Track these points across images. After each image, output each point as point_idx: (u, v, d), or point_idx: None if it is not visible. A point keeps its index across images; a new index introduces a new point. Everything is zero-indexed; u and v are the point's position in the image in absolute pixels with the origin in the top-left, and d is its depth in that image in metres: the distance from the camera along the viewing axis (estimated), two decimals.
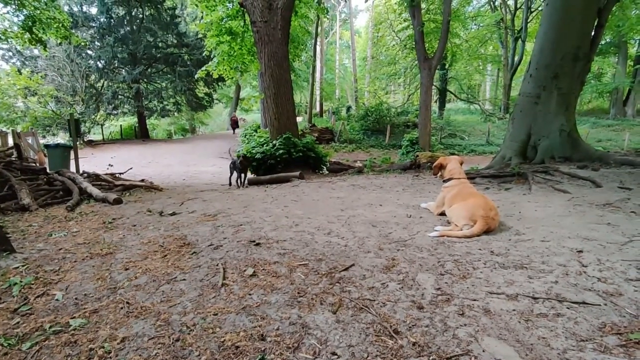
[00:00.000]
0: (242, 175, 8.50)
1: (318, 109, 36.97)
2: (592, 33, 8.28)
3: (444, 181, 3.87)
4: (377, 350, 1.64)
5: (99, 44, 24.25)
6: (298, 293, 2.25)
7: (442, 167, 3.96)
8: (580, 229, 3.17)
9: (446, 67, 29.92)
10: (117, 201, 5.42)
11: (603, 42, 26.50)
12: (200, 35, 16.28)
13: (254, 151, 8.92)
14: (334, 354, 1.64)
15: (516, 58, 29.98)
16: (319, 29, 30.53)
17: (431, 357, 1.58)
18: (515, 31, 29.87)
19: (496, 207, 3.33)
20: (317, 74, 35.74)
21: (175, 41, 26.38)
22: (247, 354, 1.67)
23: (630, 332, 1.67)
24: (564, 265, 2.43)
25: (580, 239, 2.90)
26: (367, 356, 1.61)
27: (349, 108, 34.11)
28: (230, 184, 8.76)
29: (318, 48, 33.41)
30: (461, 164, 3.95)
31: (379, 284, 2.32)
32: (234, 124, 30.35)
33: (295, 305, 2.10)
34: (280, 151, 8.63)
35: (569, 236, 2.99)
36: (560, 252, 2.65)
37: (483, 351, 1.59)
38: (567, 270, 2.34)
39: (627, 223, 3.34)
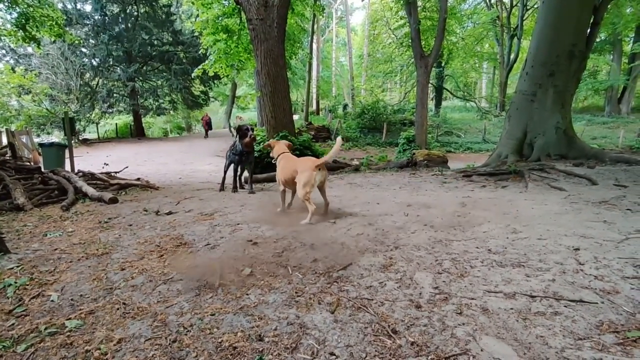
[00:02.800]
0: (246, 167, 6.41)
1: (314, 107, 36.90)
2: (588, 31, 8.31)
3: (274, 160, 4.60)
4: (376, 350, 1.63)
5: (93, 42, 24.02)
6: (296, 292, 2.24)
7: (270, 146, 4.88)
8: (577, 227, 3.18)
9: (442, 64, 29.93)
10: (113, 200, 5.38)
11: (598, 39, 26.59)
12: (196, 33, 16.18)
13: None
14: (332, 354, 1.64)
15: (512, 56, 30.05)
16: (315, 26, 30.45)
17: (430, 357, 1.58)
18: (511, 29, 29.93)
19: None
20: (314, 72, 35.65)
21: (170, 39, 26.18)
22: (245, 354, 1.66)
23: (627, 330, 1.67)
24: (561, 263, 2.43)
25: (577, 237, 2.91)
26: (366, 356, 1.60)
27: (345, 106, 34.04)
28: (223, 183, 6.46)
29: (314, 46, 33.33)
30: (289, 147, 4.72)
31: (376, 283, 2.32)
32: (207, 126, 26.27)
33: (293, 305, 2.09)
34: None
35: (566, 234, 3.00)
36: (557, 250, 2.65)
37: (481, 350, 1.59)
38: (564, 269, 2.35)
39: (623, 220, 3.35)
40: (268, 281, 2.41)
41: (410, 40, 17.95)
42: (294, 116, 11.99)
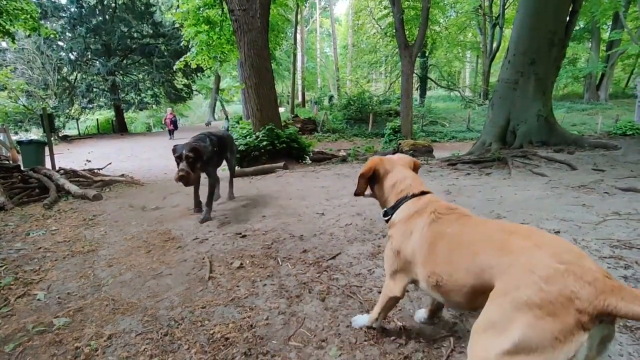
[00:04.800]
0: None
1: (300, 99, 36.68)
2: (567, 19, 8.44)
3: None
4: (365, 335, 1.67)
5: (70, 35, 23.21)
6: (286, 283, 2.26)
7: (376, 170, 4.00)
8: (558, 211, 3.28)
9: (426, 54, 30.05)
10: (97, 197, 5.28)
11: (577, 27, 27.04)
12: (177, 25, 15.80)
13: (237, 143, 8.79)
14: (323, 340, 1.67)
15: (494, 45, 30.34)
16: (299, 16, 30.10)
17: (419, 341, 1.62)
18: (494, 17, 30.17)
19: None
20: (299, 63, 35.37)
21: (150, 31, 25.50)
22: (237, 344, 1.68)
23: None
24: None
25: (558, 220, 3.00)
26: (355, 341, 1.64)
27: (331, 97, 33.93)
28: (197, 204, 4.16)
29: (298, 36, 33.00)
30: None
31: (365, 270, 2.36)
32: (171, 125, 21.53)
33: (283, 295, 2.11)
34: (264, 142, 8.54)
35: (547, 218, 3.09)
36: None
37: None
38: None
39: (600, 203, 3.47)
40: (258, 272, 2.43)
41: (394, 30, 17.92)
42: (279, 109, 11.90)
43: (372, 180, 1.70)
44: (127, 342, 1.76)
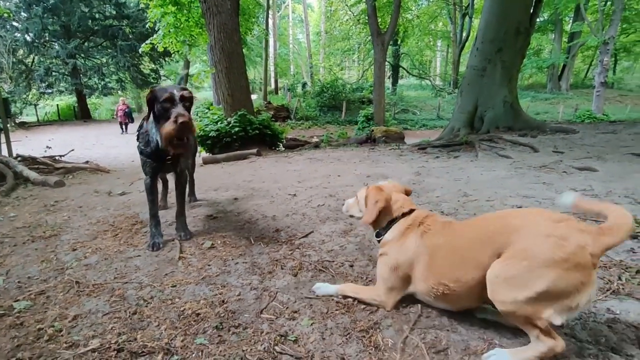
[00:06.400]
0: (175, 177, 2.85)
1: (273, 86, 36.18)
2: (532, 9, 8.73)
3: None
4: (336, 305, 1.70)
5: (25, 15, 21.71)
6: (259, 260, 2.26)
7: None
8: (521, 189, 3.44)
9: (398, 43, 30.29)
10: (59, 184, 5.05)
11: (541, 19, 28.00)
12: (142, 6, 15.03)
13: (207, 129, 8.58)
14: (295, 312, 1.69)
15: (464, 34, 30.98)
16: (271, 1, 29.50)
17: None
18: (463, 7, 30.72)
19: None
20: (271, 49, 34.74)
21: (114, 12, 24.22)
22: (209, 319, 1.67)
23: None
24: None
25: (521, 197, 3.15)
26: (327, 311, 1.67)
27: (304, 84, 33.65)
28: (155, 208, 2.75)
29: (270, 21, 32.35)
30: None
31: (337, 247, 2.39)
32: (125, 117, 18.49)
33: (256, 272, 2.11)
34: (236, 129, 8.38)
35: (511, 195, 3.24)
36: (503, 210, 2.86)
37: None
38: None
39: (559, 181, 3.67)
40: (230, 252, 2.41)
41: (366, 17, 17.92)
42: (252, 95, 11.69)
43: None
44: (94, 322, 1.71)
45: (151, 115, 2.35)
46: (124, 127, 18.65)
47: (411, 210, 1.70)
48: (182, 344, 1.49)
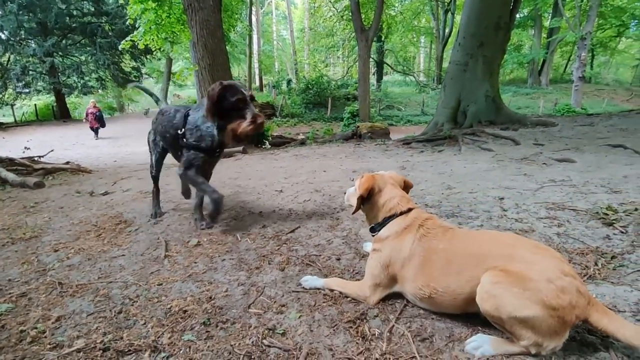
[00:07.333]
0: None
1: (258, 83, 35.91)
2: (511, 4, 8.89)
3: None
4: (324, 298, 1.72)
5: (0, 12, 20.98)
6: (246, 256, 2.26)
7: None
8: (502, 180, 3.52)
9: (382, 39, 30.42)
10: (39, 185, 4.92)
11: (521, 15, 28.54)
12: (121, 2, 14.68)
13: None
14: (283, 305, 1.70)
15: (447, 30, 31.31)
16: None
17: None
18: (445, 3, 31.03)
19: None
20: (255, 46, 34.46)
21: (92, 9, 23.54)
22: (196, 316, 1.66)
23: None
24: (488, 211, 2.69)
25: (502, 189, 3.23)
26: (315, 304, 1.68)
27: (289, 81, 33.46)
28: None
29: (254, 18, 32.09)
30: None
31: (324, 241, 2.41)
32: (96, 122, 16.56)
33: (243, 268, 2.11)
34: None
35: (493, 187, 3.31)
36: (485, 201, 2.92)
37: None
38: (491, 215, 2.60)
39: (539, 173, 3.77)
40: (217, 249, 2.40)
41: (350, 14, 17.93)
42: None
43: (364, 198, 1.74)
44: (78, 322, 1.69)
45: (203, 110, 2.51)
46: (94, 131, 16.81)
47: (409, 210, 1.66)
48: (169, 341, 1.49)
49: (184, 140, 2.62)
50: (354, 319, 1.53)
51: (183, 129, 2.62)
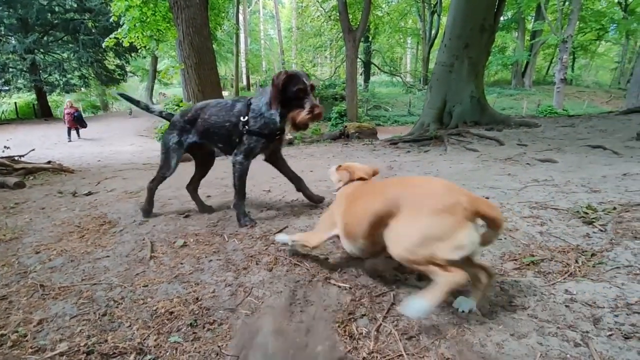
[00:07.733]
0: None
1: (245, 82, 35.75)
2: (496, 7, 9.05)
3: None
4: (313, 296, 1.72)
5: None
6: (233, 257, 2.24)
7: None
8: (487, 180, 3.58)
9: (370, 39, 30.61)
10: (20, 185, 4.80)
11: (505, 18, 29.07)
12: None
13: None
14: (271, 306, 1.69)
15: (433, 31, 31.69)
16: None
17: (363, 297, 1.71)
18: (432, 5, 31.39)
19: None
20: (242, 45, 34.25)
21: (75, 5, 23.05)
22: (182, 317, 1.65)
23: (523, 257, 1.97)
24: None
25: (487, 188, 3.29)
26: (305, 302, 1.68)
27: None
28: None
29: (241, 17, 31.88)
30: None
31: None
32: (74, 123, 15.95)
33: (230, 269, 2.10)
34: None
35: (478, 186, 3.36)
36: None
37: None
38: None
39: (523, 173, 3.85)
40: (203, 249, 2.38)
41: (338, 14, 17.98)
42: (223, 92, 11.49)
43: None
44: (61, 325, 1.65)
45: (266, 98, 2.65)
46: (72, 133, 16.22)
47: (361, 178, 2.08)
48: (155, 343, 1.47)
49: (246, 127, 2.70)
50: (341, 319, 1.54)
51: (246, 117, 2.70)
